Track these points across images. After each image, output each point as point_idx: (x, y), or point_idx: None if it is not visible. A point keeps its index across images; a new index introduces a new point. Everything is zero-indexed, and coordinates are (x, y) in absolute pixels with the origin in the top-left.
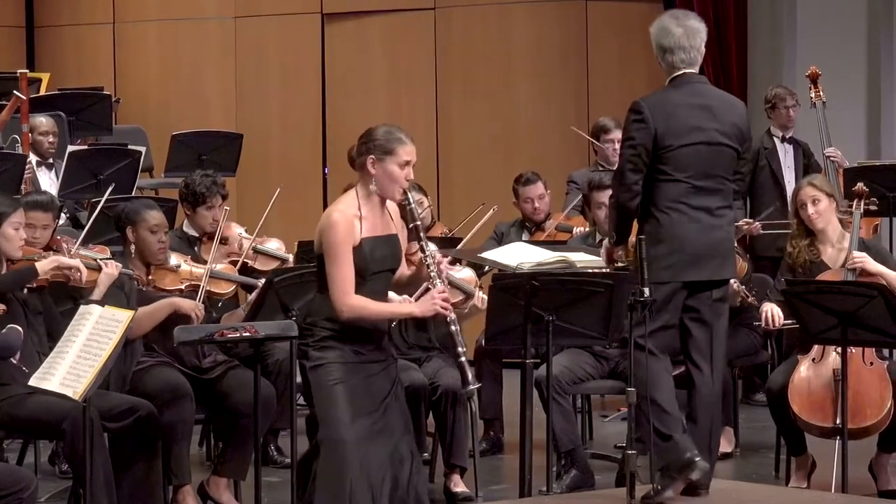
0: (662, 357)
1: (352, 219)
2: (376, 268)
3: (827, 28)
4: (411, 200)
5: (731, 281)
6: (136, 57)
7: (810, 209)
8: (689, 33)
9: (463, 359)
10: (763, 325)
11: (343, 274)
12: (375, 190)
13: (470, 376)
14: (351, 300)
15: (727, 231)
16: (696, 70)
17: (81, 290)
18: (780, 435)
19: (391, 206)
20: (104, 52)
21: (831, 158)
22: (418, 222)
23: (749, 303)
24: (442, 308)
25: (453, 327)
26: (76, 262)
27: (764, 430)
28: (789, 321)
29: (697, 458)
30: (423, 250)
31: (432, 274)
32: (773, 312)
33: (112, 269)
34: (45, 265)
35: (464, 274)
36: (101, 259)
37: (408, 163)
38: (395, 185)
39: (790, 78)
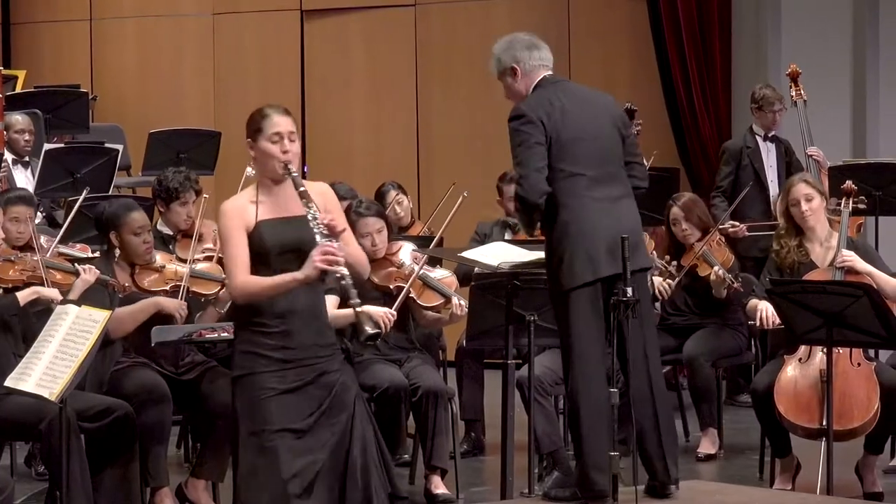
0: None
1: (243, 204)
2: (279, 249)
3: (812, 26)
4: (291, 171)
5: (717, 269)
6: (113, 54)
7: (804, 206)
8: (537, 40)
9: (359, 308)
10: (758, 324)
11: (230, 258)
12: (253, 174)
13: (367, 328)
14: (237, 280)
15: (634, 220)
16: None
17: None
18: (764, 436)
19: (316, 187)
20: (81, 50)
21: (814, 157)
22: (302, 188)
23: (735, 288)
24: (321, 263)
25: (343, 281)
26: (54, 294)
27: (748, 432)
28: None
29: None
30: (307, 207)
31: (315, 232)
32: (767, 312)
33: (89, 276)
34: (25, 295)
35: (441, 275)
36: (79, 265)
37: (278, 134)
38: (272, 160)
39: (775, 77)
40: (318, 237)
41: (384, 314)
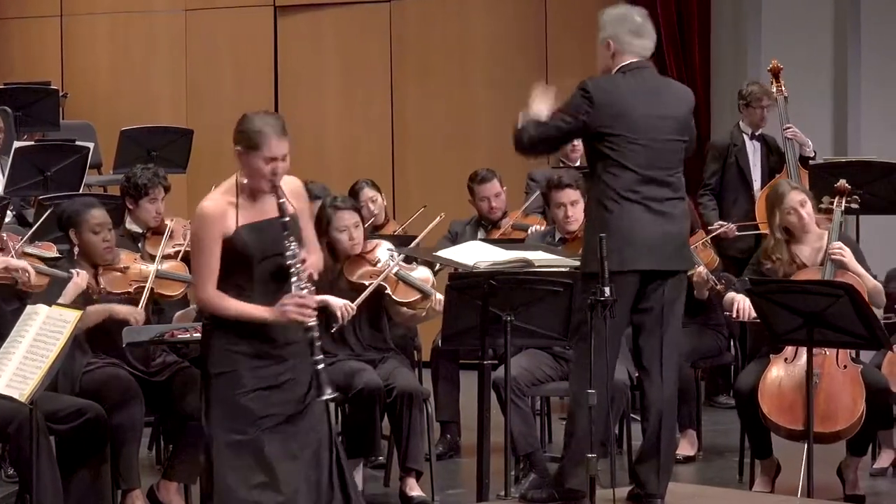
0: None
1: (223, 209)
2: (262, 255)
3: (793, 22)
4: (282, 194)
5: (701, 269)
6: (84, 51)
7: (801, 211)
8: (648, 27)
9: (320, 366)
10: (733, 315)
11: (201, 266)
12: (245, 182)
13: (325, 386)
14: (207, 293)
15: (679, 223)
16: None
17: (28, 291)
18: (743, 438)
19: (290, 185)
20: (52, 46)
21: (794, 137)
22: (286, 219)
23: (718, 291)
24: (294, 314)
25: (312, 334)
26: (23, 264)
27: (728, 433)
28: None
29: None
30: (288, 248)
31: (292, 275)
32: (744, 304)
33: (81, 281)
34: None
35: (419, 273)
36: (72, 270)
37: (273, 159)
38: (261, 180)
39: (755, 74)
40: (293, 280)
41: (343, 306)
